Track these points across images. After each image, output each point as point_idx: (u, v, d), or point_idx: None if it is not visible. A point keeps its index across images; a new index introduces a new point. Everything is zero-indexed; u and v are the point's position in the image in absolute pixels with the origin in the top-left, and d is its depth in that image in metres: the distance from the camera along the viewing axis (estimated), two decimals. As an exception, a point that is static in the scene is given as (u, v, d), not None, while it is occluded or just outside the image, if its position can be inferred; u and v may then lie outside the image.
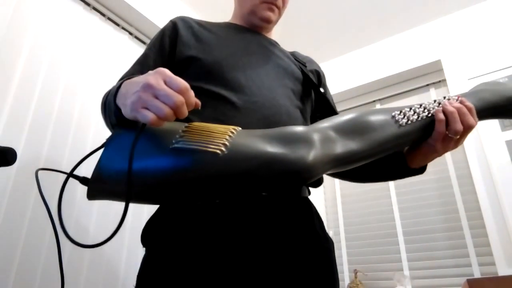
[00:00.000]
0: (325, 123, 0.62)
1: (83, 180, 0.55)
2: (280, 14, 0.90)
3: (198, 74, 0.73)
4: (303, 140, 0.56)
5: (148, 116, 0.49)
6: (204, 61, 0.74)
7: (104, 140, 0.58)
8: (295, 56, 0.91)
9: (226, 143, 0.53)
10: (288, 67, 0.83)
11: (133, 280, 0.65)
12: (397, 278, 1.77)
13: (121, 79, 0.76)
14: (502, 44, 1.85)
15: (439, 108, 0.64)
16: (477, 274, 1.68)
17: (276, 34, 0.97)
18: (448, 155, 1.94)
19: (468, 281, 1.26)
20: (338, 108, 1.04)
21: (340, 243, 2.14)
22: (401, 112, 0.64)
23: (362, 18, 2.14)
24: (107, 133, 0.64)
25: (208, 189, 0.53)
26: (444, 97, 0.66)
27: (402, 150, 0.75)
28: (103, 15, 1.56)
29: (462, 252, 1.76)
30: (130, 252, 1.32)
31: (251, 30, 0.89)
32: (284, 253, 0.62)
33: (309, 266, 0.63)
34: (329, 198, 2.33)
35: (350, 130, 0.60)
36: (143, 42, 1.73)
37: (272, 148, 0.54)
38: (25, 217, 1.03)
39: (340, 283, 0.70)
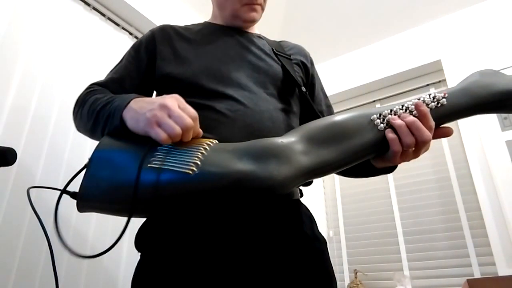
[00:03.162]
0: (299, 132, 0.61)
1: (73, 195, 0.55)
2: (263, 9, 0.88)
3: (179, 89, 0.73)
4: (274, 155, 0.55)
5: (161, 134, 0.53)
6: (183, 75, 0.75)
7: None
8: (280, 49, 0.89)
9: (198, 162, 0.53)
10: (269, 68, 0.81)
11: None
12: (397, 278, 1.77)
13: (95, 84, 0.78)
14: (502, 44, 1.85)
15: (394, 117, 0.61)
16: (477, 274, 1.68)
17: (276, 33, 0.96)
18: (448, 155, 1.95)
19: (468, 281, 1.26)
20: (338, 108, 1.04)
21: (340, 243, 2.15)
22: (380, 115, 0.61)
23: (362, 18, 2.14)
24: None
25: (182, 205, 0.54)
26: (429, 95, 0.63)
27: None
28: (103, 15, 1.56)
29: (462, 252, 1.76)
30: (129, 257, 1.31)
31: (231, 28, 0.87)
32: (272, 257, 0.62)
33: (297, 268, 0.63)
34: (329, 198, 2.33)
35: (325, 138, 0.59)
36: (143, 42, 1.73)
37: (242, 165, 0.54)
38: (24, 218, 1.03)
39: (340, 283, 0.70)
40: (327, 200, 2.33)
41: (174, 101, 0.56)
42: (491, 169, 1.68)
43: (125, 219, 0.51)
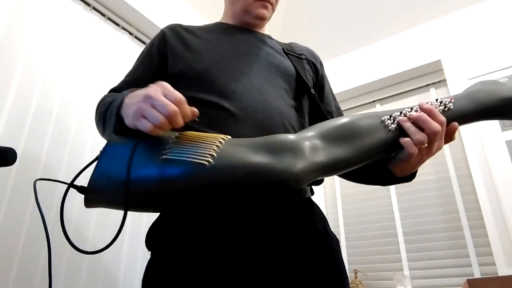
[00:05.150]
0: (313, 130, 0.62)
1: (80, 189, 0.55)
2: (273, 10, 0.89)
3: (190, 85, 0.74)
4: (290, 149, 0.56)
5: (146, 125, 0.52)
6: (194, 70, 0.75)
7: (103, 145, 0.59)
8: (290, 48, 0.89)
9: (214, 153, 0.54)
10: (280, 64, 0.81)
11: (132, 285, 0.65)
12: (397, 278, 1.77)
13: (111, 90, 0.80)
14: (502, 44, 1.85)
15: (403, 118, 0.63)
16: (477, 274, 1.68)
17: (277, 33, 0.96)
18: (448, 155, 1.94)
19: (468, 281, 1.26)
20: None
21: (340, 243, 2.14)
22: (390, 116, 0.63)
23: (362, 18, 2.15)
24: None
25: (197, 198, 0.54)
26: (437, 100, 0.65)
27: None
28: (103, 15, 1.56)
29: (462, 252, 1.76)
30: (129, 256, 1.30)
31: (242, 28, 0.88)
32: (286, 255, 0.62)
33: (311, 266, 0.63)
34: (329, 198, 2.33)
35: (338, 136, 0.61)
36: (143, 42, 1.73)
37: (258, 158, 0.54)
38: (25, 217, 1.03)
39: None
40: (327, 200, 2.33)
41: (158, 89, 0.55)
42: (491, 169, 1.68)
43: (132, 214, 0.51)
